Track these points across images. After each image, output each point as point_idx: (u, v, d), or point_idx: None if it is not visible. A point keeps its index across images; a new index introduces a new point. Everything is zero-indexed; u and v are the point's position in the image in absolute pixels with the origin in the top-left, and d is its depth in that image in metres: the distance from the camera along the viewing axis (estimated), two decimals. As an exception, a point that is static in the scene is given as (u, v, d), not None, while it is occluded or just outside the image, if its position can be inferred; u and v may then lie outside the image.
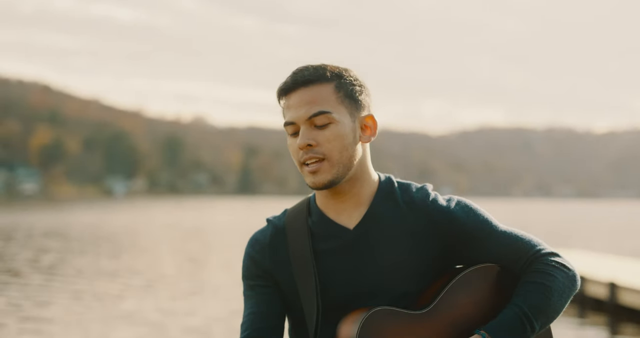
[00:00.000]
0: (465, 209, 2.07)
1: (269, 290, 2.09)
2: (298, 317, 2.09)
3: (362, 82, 2.05)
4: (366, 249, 2.03)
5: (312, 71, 1.99)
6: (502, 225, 2.08)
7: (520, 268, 2.05)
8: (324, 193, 2.05)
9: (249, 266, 2.12)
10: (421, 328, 1.96)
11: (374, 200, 2.06)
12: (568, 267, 2.03)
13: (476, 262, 2.06)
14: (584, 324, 13.58)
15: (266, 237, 2.12)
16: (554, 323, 1.99)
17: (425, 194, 2.08)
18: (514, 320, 1.95)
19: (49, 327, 11.79)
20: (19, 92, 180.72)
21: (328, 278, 2.03)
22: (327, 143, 1.97)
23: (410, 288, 2.02)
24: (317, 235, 2.06)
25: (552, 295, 1.97)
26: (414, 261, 2.03)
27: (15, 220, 47.40)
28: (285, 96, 2.01)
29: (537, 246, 2.05)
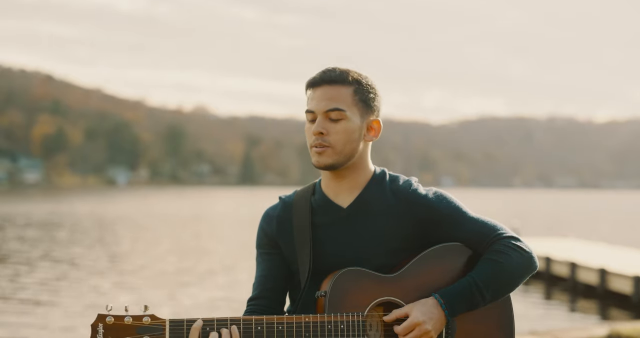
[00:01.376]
0: (440, 198, 2.44)
1: (276, 257, 2.50)
2: (296, 278, 2.49)
3: (377, 90, 2.45)
4: (355, 225, 2.42)
5: (338, 73, 2.39)
6: (471, 212, 2.43)
7: (483, 248, 2.39)
8: (327, 175, 2.46)
9: (261, 236, 2.54)
10: (386, 288, 2.33)
11: (367, 186, 2.45)
12: (525, 250, 2.37)
13: (446, 242, 2.42)
14: (575, 308, 14.26)
15: (276, 211, 2.54)
16: (549, 309, 2.20)
17: (408, 185, 2.46)
18: (465, 289, 2.30)
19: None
20: (22, 82, 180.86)
21: (320, 246, 2.43)
22: (335, 134, 2.36)
23: (388, 261, 2.39)
24: (316, 210, 2.47)
25: (504, 271, 2.31)
26: (394, 238, 2.40)
27: (13, 209, 48.05)
28: (312, 88, 2.41)
29: (499, 230, 2.39)
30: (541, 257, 17.52)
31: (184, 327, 2.25)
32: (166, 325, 2.25)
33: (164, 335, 2.24)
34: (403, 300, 2.33)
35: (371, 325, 2.33)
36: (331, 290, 2.29)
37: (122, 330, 2.23)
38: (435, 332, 2.28)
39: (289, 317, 2.27)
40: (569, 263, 15.91)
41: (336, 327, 2.27)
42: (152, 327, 2.24)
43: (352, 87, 2.39)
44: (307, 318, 2.27)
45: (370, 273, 2.33)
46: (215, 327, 2.25)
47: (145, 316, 2.25)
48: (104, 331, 2.23)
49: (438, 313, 2.28)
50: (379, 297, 2.32)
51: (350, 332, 2.27)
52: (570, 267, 15.82)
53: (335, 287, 2.29)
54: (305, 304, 2.43)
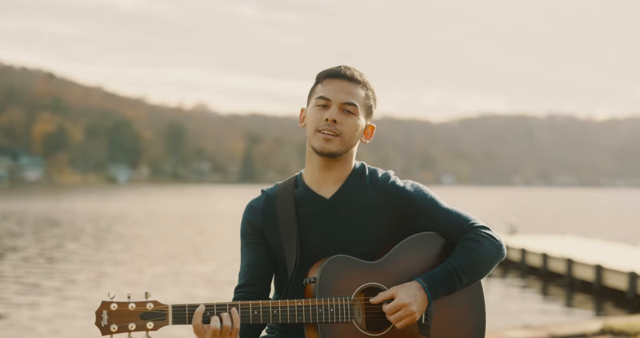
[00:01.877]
0: (416, 190, 2.62)
1: (260, 246, 2.64)
2: (281, 267, 2.64)
3: (377, 98, 2.67)
4: (337, 215, 2.59)
5: (358, 75, 2.59)
6: (446, 203, 2.62)
7: (457, 237, 2.58)
8: (317, 166, 2.60)
9: (246, 227, 2.67)
10: (370, 274, 2.50)
11: (348, 179, 2.62)
12: (495, 238, 2.58)
13: (423, 231, 2.61)
14: (571, 303, 14.45)
15: (259, 203, 2.67)
16: (546, 305, 2.24)
17: (387, 177, 2.64)
18: (445, 274, 2.49)
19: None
20: (23, 80, 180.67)
21: (306, 235, 2.58)
22: (346, 126, 2.54)
23: (370, 249, 2.57)
24: (300, 202, 2.61)
25: (478, 257, 2.52)
26: (375, 227, 2.58)
27: (13, 207, 48.24)
28: (330, 78, 2.57)
29: (472, 220, 2.60)
30: (538, 253, 17.74)
31: (185, 312, 2.34)
32: (169, 310, 2.33)
33: (167, 320, 2.33)
34: (386, 286, 2.50)
35: (356, 309, 2.48)
36: (320, 276, 2.45)
37: (126, 316, 2.31)
38: (419, 313, 2.44)
39: (282, 302, 2.41)
40: (565, 259, 16.10)
41: (326, 310, 2.41)
42: (155, 312, 2.33)
43: (365, 92, 2.59)
44: (300, 303, 2.41)
45: (355, 260, 2.50)
46: (215, 311, 2.35)
47: (149, 302, 2.34)
48: (108, 317, 2.31)
49: (421, 295, 2.45)
50: (364, 282, 2.49)
51: (339, 315, 2.42)
52: (566, 263, 16.01)
53: (324, 273, 2.45)
54: (294, 290, 2.58)
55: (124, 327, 2.32)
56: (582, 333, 8.04)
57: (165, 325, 2.35)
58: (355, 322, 2.46)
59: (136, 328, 2.33)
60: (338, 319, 2.42)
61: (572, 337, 7.93)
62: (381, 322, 2.49)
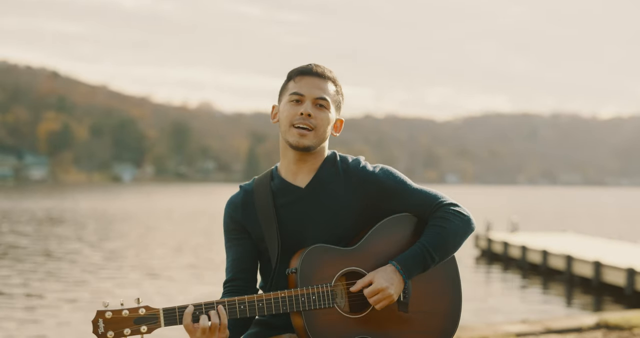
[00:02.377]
0: (386, 173, 2.74)
1: (244, 241, 2.77)
2: (265, 257, 2.78)
3: (344, 95, 2.82)
4: (313, 203, 2.72)
5: (328, 71, 2.74)
6: (415, 184, 2.76)
7: (427, 215, 2.72)
8: (292, 159, 2.74)
9: (228, 223, 2.80)
10: (349, 260, 2.65)
11: (320, 167, 2.75)
12: (463, 214, 2.71)
13: (395, 213, 2.74)
14: (570, 299, 14.63)
15: (239, 198, 2.80)
16: (545, 301, 2.34)
17: (357, 163, 2.77)
18: (417, 254, 2.63)
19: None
20: (27, 79, 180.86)
21: (285, 224, 2.71)
22: (320, 120, 2.68)
23: (346, 233, 2.70)
24: (277, 193, 2.74)
25: (447, 234, 2.66)
26: (349, 212, 2.71)
27: (17, 205, 48.48)
28: (302, 76, 2.72)
29: (440, 198, 2.73)
30: (538, 250, 17.92)
31: (176, 313, 2.49)
32: (160, 314, 2.48)
33: (159, 323, 2.48)
34: (364, 269, 2.65)
35: (338, 294, 2.64)
36: (300, 266, 2.59)
37: (120, 322, 2.46)
38: (396, 295, 2.60)
39: (267, 295, 2.56)
40: (565, 256, 16.28)
41: (309, 298, 2.56)
42: (147, 316, 2.48)
43: (334, 88, 2.75)
44: (283, 294, 2.56)
45: (332, 248, 2.64)
46: (203, 310, 2.50)
47: (140, 307, 2.48)
48: (105, 325, 2.45)
49: (397, 278, 2.60)
50: (343, 268, 2.64)
51: (321, 302, 2.57)
52: (566, 260, 16.20)
53: (304, 263, 2.59)
54: (279, 277, 2.72)
55: (120, 333, 2.46)
56: (578, 327, 8.20)
57: (158, 327, 2.49)
58: (337, 306, 2.61)
59: (131, 333, 2.47)
60: (320, 305, 2.57)
61: (568, 330, 8.10)
62: (363, 303, 2.65)
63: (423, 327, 2.71)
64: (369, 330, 2.64)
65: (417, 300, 2.70)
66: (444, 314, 2.74)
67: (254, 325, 2.81)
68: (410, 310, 2.69)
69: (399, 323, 2.68)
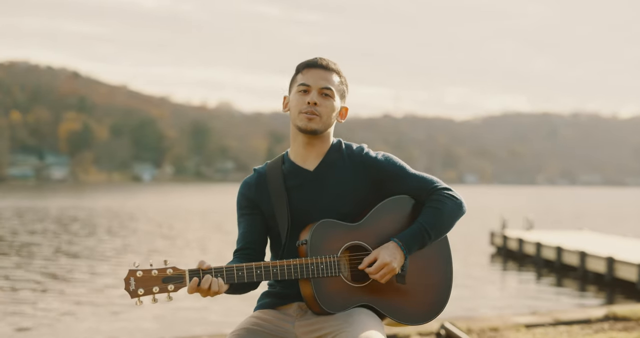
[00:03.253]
0: (387, 159, 3.04)
1: (254, 216, 3.05)
2: (275, 233, 3.05)
3: (348, 85, 3.11)
4: (321, 184, 3.01)
5: (332, 63, 3.04)
6: (413, 170, 3.04)
7: (424, 198, 3.02)
8: (300, 143, 3.03)
9: (241, 200, 3.09)
10: (353, 234, 2.93)
11: (328, 153, 3.04)
12: (456, 197, 3.02)
13: (395, 195, 3.04)
14: (583, 295, 14.81)
15: (253, 179, 3.09)
16: (559, 296, 2.68)
17: (361, 149, 3.07)
18: (416, 232, 2.92)
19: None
20: (48, 79, 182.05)
21: (295, 204, 3.00)
22: (325, 107, 2.97)
23: (350, 212, 2.98)
24: (288, 175, 3.04)
25: (443, 215, 2.96)
26: (353, 193, 3.00)
27: (36, 204, 48.99)
28: (309, 68, 3.02)
29: (436, 183, 3.03)
30: (553, 247, 18.09)
31: (200, 275, 2.73)
32: (186, 274, 2.72)
33: (184, 282, 2.72)
34: (366, 243, 2.94)
35: (343, 264, 2.91)
36: (311, 238, 2.87)
37: (150, 281, 2.71)
38: (398, 268, 2.89)
39: (280, 262, 2.83)
40: (579, 252, 16.46)
41: (317, 267, 2.84)
42: (174, 276, 2.72)
43: (339, 79, 3.02)
44: (295, 262, 2.83)
45: (339, 223, 2.92)
46: (224, 273, 2.76)
47: (168, 268, 2.73)
48: (135, 283, 2.69)
49: (399, 253, 2.89)
50: (348, 241, 2.92)
51: (328, 270, 2.85)
52: (580, 256, 16.37)
53: (313, 236, 2.87)
54: (288, 251, 2.98)
55: (149, 290, 2.70)
56: (586, 318, 8.34)
57: (184, 286, 2.73)
58: (342, 275, 2.89)
59: (159, 291, 2.71)
60: (327, 274, 2.85)
61: (577, 322, 8.25)
62: (364, 274, 2.93)
63: (417, 298, 3.00)
64: (370, 298, 2.92)
65: (413, 274, 2.99)
66: (436, 288, 3.04)
67: (265, 296, 3.07)
68: (407, 283, 2.97)
69: (396, 294, 2.96)
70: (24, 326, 10.84)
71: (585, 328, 7.90)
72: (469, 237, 28.28)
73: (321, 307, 2.87)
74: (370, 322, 2.85)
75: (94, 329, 10.69)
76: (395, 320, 2.98)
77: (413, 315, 2.99)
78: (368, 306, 2.95)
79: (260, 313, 3.00)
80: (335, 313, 2.89)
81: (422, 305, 3.01)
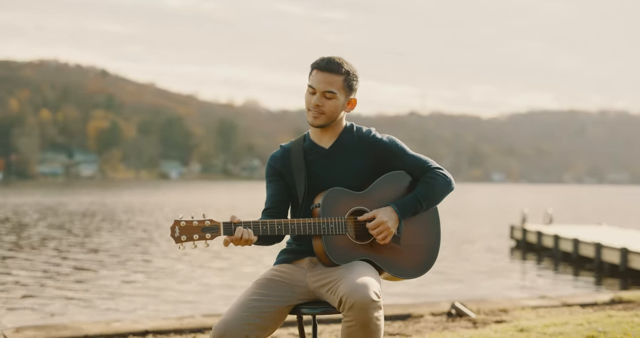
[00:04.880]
0: (391, 140, 3.59)
1: (281, 182, 3.64)
2: (294, 197, 3.63)
3: (358, 77, 3.57)
4: (334, 160, 3.58)
5: (337, 65, 3.51)
6: (412, 151, 3.61)
7: (419, 174, 3.59)
8: (316, 129, 3.60)
9: (269, 170, 3.67)
10: (358, 201, 3.50)
11: (341, 134, 3.62)
12: (446, 176, 3.58)
13: (395, 170, 3.60)
14: (599, 283, 15.23)
15: (279, 153, 3.67)
16: (575, 285, 3.26)
17: (369, 132, 3.62)
18: (411, 201, 3.50)
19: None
20: (77, 78, 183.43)
21: (312, 175, 3.57)
22: (327, 107, 3.50)
23: (356, 183, 3.54)
24: (307, 151, 3.62)
25: (434, 190, 3.53)
26: (360, 167, 3.56)
27: (65, 200, 49.76)
28: (317, 70, 3.51)
29: (429, 163, 3.60)
30: (570, 239, 18.54)
31: (232, 227, 3.28)
32: (221, 226, 3.27)
33: (219, 232, 3.26)
34: (369, 209, 3.50)
35: (349, 225, 3.45)
36: (322, 202, 3.42)
37: (191, 230, 3.24)
38: (393, 229, 3.44)
39: (298, 220, 3.38)
40: (595, 244, 16.90)
41: (328, 225, 3.39)
42: (211, 227, 3.25)
43: (343, 77, 3.51)
44: (309, 220, 3.38)
45: (347, 191, 3.49)
46: (252, 226, 3.31)
47: (207, 220, 3.26)
48: (179, 231, 3.23)
49: (394, 216, 3.45)
50: (353, 206, 3.49)
51: (336, 229, 3.40)
52: (595, 248, 16.81)
53: (325, 200, 3.43)
54: (304, 213, 3.57)
55: (190, 237, 3.23)
56: (593, 302, 8.79)
57: (219, 236, 3.26)
58: (348, 234, 3.43)
59: (198, 239, 3.24)
60: (336, 232, 3.39)
61: (584, 305, 8.70)
62: (366, 235, 3.48)
63: (410, 257, 3.56)
64: (371, 254, 3.48)
65: (407, 237, 3.54)
66: (426, 249, 3.61)
67: (282, 253, 3.67)
68: (402, 244, 3.53)
69: (392, 252, 3.52)
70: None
71: (587, 309, 8.34)
72: (491, 231, 28.74)
73: (330, 259, 3.40)
74: (368, 271, 3.35)
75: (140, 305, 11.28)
76: (391, 274, 3.53)
77: (405, 270, 3.56)
78: (369, 261, 3.48)
79: (278, 267, 3.59)
80: (340, 265, 3.41)
81: (413, 263, 3.58)
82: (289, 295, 3.48)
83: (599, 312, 7.75)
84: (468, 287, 14.33)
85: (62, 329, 6.76)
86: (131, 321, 7.40)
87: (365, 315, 3.15)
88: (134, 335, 6.68)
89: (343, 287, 3.22)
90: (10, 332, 6.60)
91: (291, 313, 3.49)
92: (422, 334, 6.54)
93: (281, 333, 6.66)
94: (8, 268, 15.79)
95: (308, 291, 3.50)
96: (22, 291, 12.86)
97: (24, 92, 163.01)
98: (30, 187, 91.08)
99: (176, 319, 7.45)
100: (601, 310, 7.95)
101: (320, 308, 3.44)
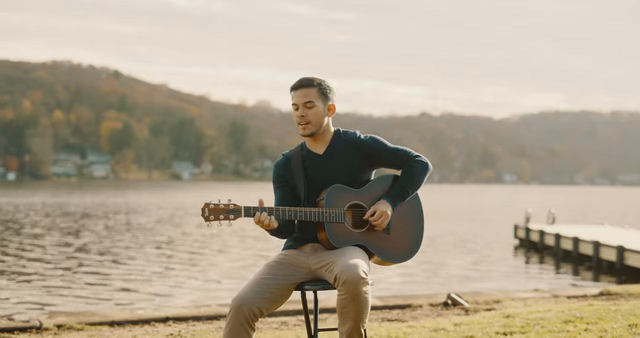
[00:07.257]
0: (373, 139, 4.16)
1: (286, 188, 4.24)
2: (297, 198, 4.23)
3: (331, 87, 4.17)
4: (328, 164, 4.14)
5: (308, 80, 4.11)
6: (392, 145, 4.17)
7: (401, 165, 4.18)
8: (310, 138, 4.15)
9: (275, 177, 4.27)
10: (355, 197, 4.10)
11: (332, 140, 4.18)
12: (423, 161, 4.18)
13: (381, 166, 4.20)
14: (596, 280, 15.82)
15: (282, 161, 4.26)
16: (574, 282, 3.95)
17: (355, 134, 4.19)
18: (398, 190, 4.12)
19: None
20: (90, 79, 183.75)
21: (310, 178, 4.15)
22: (311, 115, 4.08)
23: (350, 182, 4.12)
24: (305, 158, 4.19)
25: (414, 176, 4.14)
26: (351, 167, 4.13)
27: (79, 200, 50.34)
28: (294, 90, 4.12)
29: (410, 153, 4.18)
30: (570, 238, 19.16)
31: (251, 210, 3.92)
32: (242, 209, 3.90)
33: (241, 214, 3.88)
34: (364, 203, 4.12)
35: (347, 216, 4.10)
36: (325, 197, 4.03)
37: (218, 211, 3.87)
38: (390, 217, 4.12)
39: (306, 208, 4.01)
40: (593, 242, 17.51)
41: (330, 214, 4.01)
42: (234, 209, 3.88)
43: (316, 88, 4.11)
44: (315, 209, 4.01)
45: (346, 188, 4.10)
46: (267, 211, 3.93)
47: (231, 204, 3.88)
48: (208, 211, 3.85)
49: (389, 206, 4.11)
50: (351, 201, 4.10)
51: (337, 218, 4.03)
52: (594, 246, 17.43)
53: (328, 195, 4.04)
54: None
55: (217, 217, 3.86)
56: (582, 295, 9.36)
57: (240, 217, 3.87)
58: (346, 223, 4.08)
59: (224, 218, 3.86)
60: (336, 220, 4.03)
61: (573, 297, 9.25)
62: (361, 224, 4.12)
63: (397, 244, 4.21)
64: (364, 240, 4.11)
65: (395, 227, 4.20)
66: (411, 238, 4.28)
67: (289, 240, 4.34)
68: (390, 234, 4.21)
69: (382, 240, 4.19)
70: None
71: (572, 300, 8.90)
72: (496, 230, 29.34)
73: (330, 243, 4.05)
74: (359, 254, 4.01)
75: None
76: (381, 258, 4.20)
77: (392, 255, 4.23)
78: (362, 246, 4.12)
79: (285, 251, 4.27)
80: (338, 248, 4.05)
81: (399, 250, 4.25)
82: (294, 274, 4.11)
83: (582, 302, 8.33)
84: (468, 283, 14.96)
85: (90, 316, 7.40)
86: (153, 309, 8.03)
87: (355, 289, 3.74)
88: (156, 321, 7.31)
89: (337, 266, 3.83)
90: (45, 317, 7.26)
91: (296, 289, 4.15)
92: (418, 320, 7.15)
93: (290, 320, 7.29)
94: (42, 261, 16.76)
95: (310, 271, 4.12)
96: (55, 281, 13.85)
97: (37, 93, 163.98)
98: (44, 187, 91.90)
99: (194, 307, 8.10)
100: (584, 300, 8.54)
101: (320, 285, 4.06)
